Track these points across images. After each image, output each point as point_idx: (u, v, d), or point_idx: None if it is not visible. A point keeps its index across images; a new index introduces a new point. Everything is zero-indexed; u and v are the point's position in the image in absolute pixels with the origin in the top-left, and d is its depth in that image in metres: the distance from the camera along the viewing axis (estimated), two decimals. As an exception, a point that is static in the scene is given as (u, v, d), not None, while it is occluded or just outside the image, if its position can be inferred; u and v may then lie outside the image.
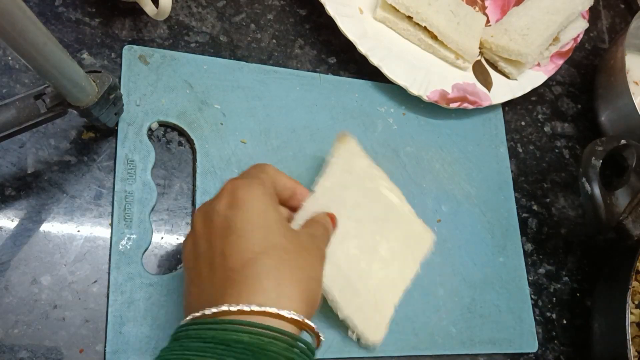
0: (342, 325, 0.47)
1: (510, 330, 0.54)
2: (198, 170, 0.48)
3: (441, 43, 0.59)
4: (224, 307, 0.32)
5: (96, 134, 0.46)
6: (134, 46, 0.49)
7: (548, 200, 0.63)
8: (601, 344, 0.53)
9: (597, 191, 0.53)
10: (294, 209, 0.44)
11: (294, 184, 0.43)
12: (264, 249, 0.34)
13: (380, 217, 0.49)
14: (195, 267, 0.36)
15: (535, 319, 0.56)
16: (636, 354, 0.51)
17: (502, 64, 0.63)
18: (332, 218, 0.44)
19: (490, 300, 0.54)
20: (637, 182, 0.56)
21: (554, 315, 0.58)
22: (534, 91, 0.65)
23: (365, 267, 0.47)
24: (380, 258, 0.48)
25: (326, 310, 0.46)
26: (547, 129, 0.67)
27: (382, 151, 0.55)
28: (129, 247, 0.44)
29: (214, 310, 0.32)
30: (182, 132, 0.49)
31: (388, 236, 0.49)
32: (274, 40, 0.57)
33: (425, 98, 0.56)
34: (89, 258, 0.43)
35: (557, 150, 0.66)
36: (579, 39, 0.66)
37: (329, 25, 0.56)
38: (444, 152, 0.59)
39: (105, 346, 0.41)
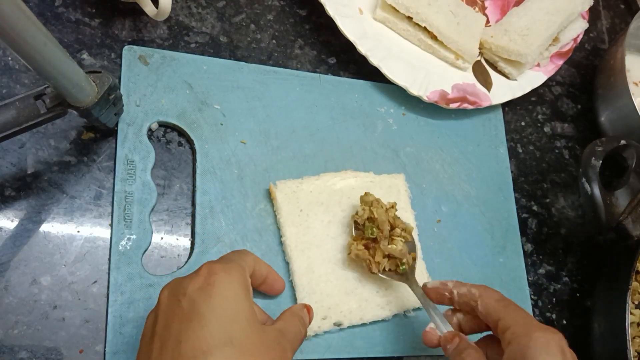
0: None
1: (510, 330, 0.54)
2: (198, 171, 0.48)
3: (441, 43, 0.59)
4: None
5: (96, 135, 0.46)
6: (134, 46, 0.49)
7: (548, 200, 0.63)
8: (601, 344, 0.53)
9: (597, 191, 0.53)
10: (264, 292, 0.45)
11: (267, 271, 0.43)
12: (220, 342, 0.32)
13: (354, 208, 0.50)
14: (149, 343, 0.34)
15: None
16: (636, 354, 0.51)
17: (501, 65, 0.63)
18: (309, 310, 0.43)
19: (490, 300, 0.54)
20: (637, 183, 0.56)
21: (553, 316, 0.58)
22: (534, 91, 0.65)
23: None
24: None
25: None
26: (547, 129, 0.67)
27: (381, 152, 0.55)
28: (128, 247, 0.44)
29: None
30: (182, 133, 0.49)
31: None
32: (274, 41, 0.57)
33: (425, 98, 0.57)
34: (88, 258, 0.43)
35: (557, 151, 0.66)
36: (578, 40, 0.66)
37: (328, 25, 0.56)
38: (444, 152, 0.59)
39: (105, 347, 0.41)
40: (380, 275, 0.47)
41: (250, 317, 0.35)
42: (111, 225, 0.44)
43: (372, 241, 0.47)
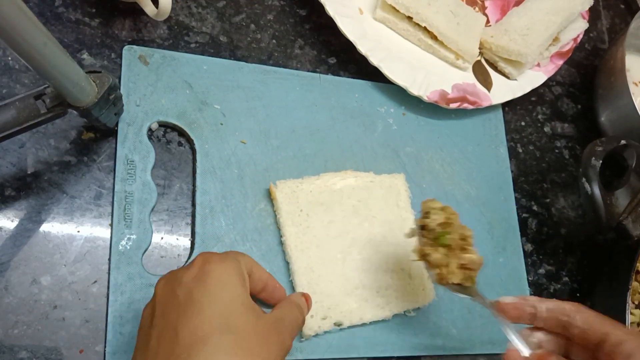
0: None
1: (510, 330, 0.54)
2: (198, 171, 0.48)
3: (441, 43, 0.59)
4: None
5: (96, 134, 0.46)
6: (134, 46, 0.49)
7: (548, 200, 0.63)
8: (601, 344, 0.53)
9: (597, 191, 0.53)
10: (264, 301, 0.43)
11: (267, 277, 0.42)
12: (217, 329, 0.32)
13: (354, 208, 0.50)
14: (146, 334, 0.34)
15: (535, 319, 0.56)
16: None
17: (502, 64, 0.63)
18: (307, 298, 0.43)
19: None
20: (637, 183, 0.56)
21: (553, 316, 0.58)
22: (534, 91, 0.65)
23: (378, 260, 0.49)
24: (380, 239, 0.50)
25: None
26: (547, 129, 0.67)
27: (382, 151, 0.56)
28: (128, 247, 0.44)
29: None
30: (182, 133, 0.49)
31: (370, 214, 0.51)
32: (274, 41, 0.57)
33: (425, 98, 0.57)
34: (88, 258, 0.43)
35: (557, 151, 0.66)
36: (578, 39, 0.66)
37: (328, 25, 0.56)
38: (444, 152, 0.59)
39: (105, 346, 0.41)
40: (447, 286, 0.44)
41: (247, 304, 0.35)
42: (111, 225, 0.44)
43: (445, 248, 0.44)
